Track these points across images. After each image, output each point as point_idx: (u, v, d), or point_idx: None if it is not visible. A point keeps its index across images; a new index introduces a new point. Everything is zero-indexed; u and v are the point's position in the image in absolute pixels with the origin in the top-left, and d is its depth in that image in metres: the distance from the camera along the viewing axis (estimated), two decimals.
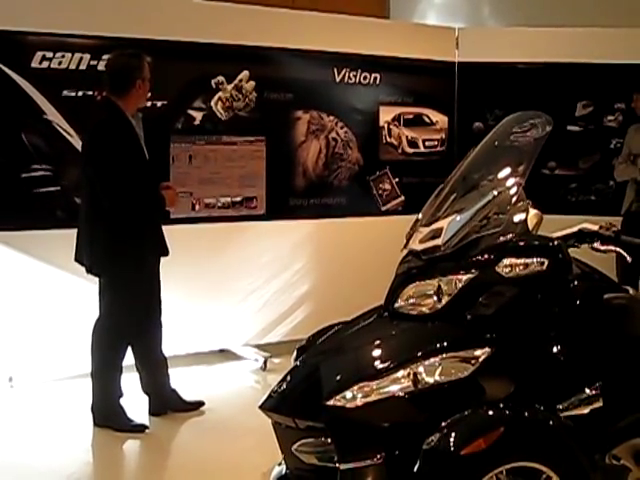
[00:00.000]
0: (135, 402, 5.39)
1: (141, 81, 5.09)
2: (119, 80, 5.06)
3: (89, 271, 5.15)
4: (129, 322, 5.21)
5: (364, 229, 7.19)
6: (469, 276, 3.30)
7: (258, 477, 4.32)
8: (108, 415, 5.17)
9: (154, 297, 5.33)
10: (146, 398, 5.46)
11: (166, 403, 5.47)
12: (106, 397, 5.19)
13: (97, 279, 5.18)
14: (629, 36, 7.37)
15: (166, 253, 5.29)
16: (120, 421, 5.16)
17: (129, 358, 5.33)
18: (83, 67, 5.91)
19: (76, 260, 5.20)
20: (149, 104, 6.02)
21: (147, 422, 5.31)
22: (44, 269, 5.82)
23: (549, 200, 6.29)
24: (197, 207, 6.31)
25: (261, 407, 3.36)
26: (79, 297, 5.88)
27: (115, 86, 5.07)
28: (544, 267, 3.30)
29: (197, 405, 5.57)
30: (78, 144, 5.82)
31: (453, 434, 2.96)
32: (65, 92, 5.86)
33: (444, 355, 3.16)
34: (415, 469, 2.96)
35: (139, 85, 5.08)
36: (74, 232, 5.30)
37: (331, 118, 7.08)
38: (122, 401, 5.22)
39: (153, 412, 5.44)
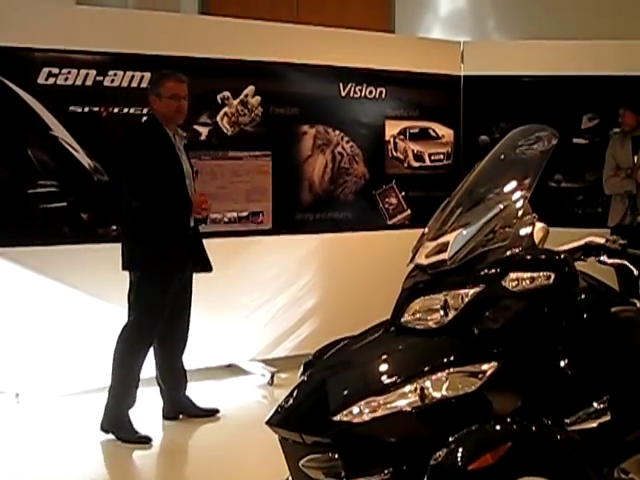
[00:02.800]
0: (148, 408, 5.49)
1: (155, 97, 5.26)
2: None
3: (123, 267, 5.25)
4: (151, 324, 5.25)
5: (370, 243, 7.18)
6: (476, 290, 3.29)
7: None
8: (116, 423, 5.22)
9: (180, 307, 5.40)
10: (160, 403, 5.59)
11: (179, 408, 5.60)
12: (118, 405, 5.22)
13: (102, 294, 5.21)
14: (634, 48, 7.37)
15: (204, 267, 5.45)
16: (126, 431, 5.20)
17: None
18: (89, 83, 5.93)
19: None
20: None
21: (160, 426, 5.47)
22: (50, 285, 5.82)
23: (555, 213, 6.27)
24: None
25: (268, 422, 3.35)
26: (85, 313, 5.89)
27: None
28: (551, 281, 3.28)
29: (211, 412, 5.69)
30: (84, 160, 5.85)
31: (460, 449, 2.93)
32: (71, 108, 5.89)
33: (451, 370, 3.14)
34: None
35: (153, 100, 5.27)
36: (80, 248, 5.31)
37: (337, 132, 7.08)
38: (132, 411, 5.26)
39: (166, 416, 5.59)
